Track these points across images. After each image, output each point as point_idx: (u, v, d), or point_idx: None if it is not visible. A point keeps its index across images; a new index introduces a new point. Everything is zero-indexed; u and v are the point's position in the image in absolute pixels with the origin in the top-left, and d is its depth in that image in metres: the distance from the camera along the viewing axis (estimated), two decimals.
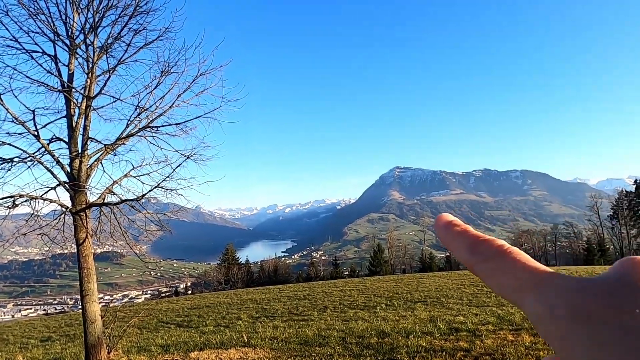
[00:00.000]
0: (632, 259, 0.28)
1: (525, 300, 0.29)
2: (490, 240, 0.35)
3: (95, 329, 6.85)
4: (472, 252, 0.35)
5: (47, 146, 7.01)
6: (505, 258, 0.32)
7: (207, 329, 11.75)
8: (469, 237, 0.37)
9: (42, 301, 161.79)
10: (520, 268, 0.31)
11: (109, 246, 8.74)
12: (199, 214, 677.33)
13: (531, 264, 0.31)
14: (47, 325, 17.71)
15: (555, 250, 54.81)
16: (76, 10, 7.39)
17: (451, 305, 12.04)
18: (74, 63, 7.47)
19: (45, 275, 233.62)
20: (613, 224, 48.42)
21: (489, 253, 0.34)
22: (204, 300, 21.87)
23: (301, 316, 12.55)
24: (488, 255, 0.33)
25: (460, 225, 0.39)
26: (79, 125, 7.23)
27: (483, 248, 0.34)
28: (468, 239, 0.36)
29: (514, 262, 0.32)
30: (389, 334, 7.98)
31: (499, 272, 0.32)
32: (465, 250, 0.36)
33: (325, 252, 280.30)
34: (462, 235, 0.37)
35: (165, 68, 7.70)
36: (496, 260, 0.33)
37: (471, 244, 0.36)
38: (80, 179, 7.03)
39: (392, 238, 60.86)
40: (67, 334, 14.28)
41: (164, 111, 7.75)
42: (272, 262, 58.58)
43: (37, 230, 7.03)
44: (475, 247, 0.35)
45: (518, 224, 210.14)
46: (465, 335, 7.48)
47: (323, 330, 9.16)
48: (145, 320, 14.98)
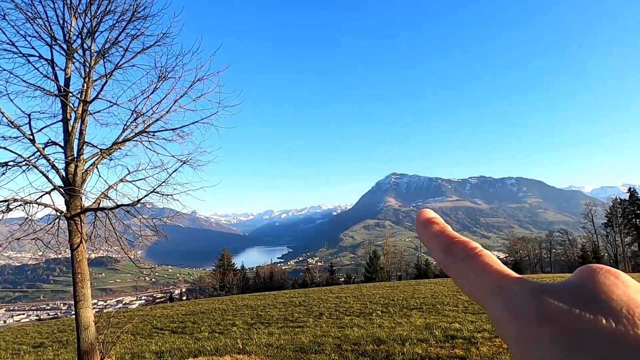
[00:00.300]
0: (590, 266, 0.29)
1: (490, 303, 0.30)
2: (465, 242, 0.36)
3: (88, 335, 6.78)
4: (446, 252, 0.35)
5: (43, 150, 6.97)
6: (475, 260, 0.33)
7: (201, 336, 11.67)
8: (445, 237, 0.37)
9: (35, 306, 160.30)
10: (487, 271, 0.32)
11: (104, 251, 8.69)
12: (195, 219, 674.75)
13: (497, 268, 0.32)
14: (39, 331, 17.52)
15: (550, 258, 54.89)
16: (74, 15, 7.39)
17: (447, 312, 12.01)
18: (71, 67, 7.46)
19: (38, 281, 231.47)
20: (607, 232, 48.59)
21: (462, 255, 0.34)
22: (199, 306, 21.72)
23: (297, 323, 12.48)
24: (460, 257, 0.34)
25: (439, 224, 0.39)
26: (75, 129, 7.20)
27: (457, 249, 0.35)
28: (444, 239, 0.37)
29: (483, 265, 0.32)
30: (385, 341, 7.95)
31: (469, 275, 0.32)
32: (440, 250, 0.36)
33: (321, 258, 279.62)
34: (439, 234, 0.38)
35: (163, 73, 7.70)
36: (467, 262, 0.33)
37: (446, 244, 0.36)
38: (75, 183, 7.00)
39: (388, 244, 60.75)
40: (59, 340, 14.13)
41: (161, 116, 7.75)
42: (267, 268, 58.23)
43: (31, 235, 6.98)
44: (449, 247, 0.36)
45: (513, 231, 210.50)
46: (461, 342, 7.46)
47: (318, 337, 9.11)
48: (139, 327, 14.86)
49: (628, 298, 0.26)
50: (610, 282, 0.27)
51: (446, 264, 0.35)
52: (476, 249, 0.34)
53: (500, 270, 0.32)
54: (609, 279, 0.27)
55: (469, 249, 0.34)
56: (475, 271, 0.32)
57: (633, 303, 0.25)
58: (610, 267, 0.29)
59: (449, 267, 0.35)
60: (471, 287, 0.32)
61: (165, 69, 7.71)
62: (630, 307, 0.25)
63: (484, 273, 0.32)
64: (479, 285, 0.31)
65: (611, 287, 0.27)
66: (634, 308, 0.25)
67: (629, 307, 0.25)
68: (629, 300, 0.25)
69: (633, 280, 0.28)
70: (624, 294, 0.26)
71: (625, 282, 0.27)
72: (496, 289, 0.30)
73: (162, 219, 8.13)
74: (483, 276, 0.31)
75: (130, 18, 7.46)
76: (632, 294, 0.26)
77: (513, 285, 0.30)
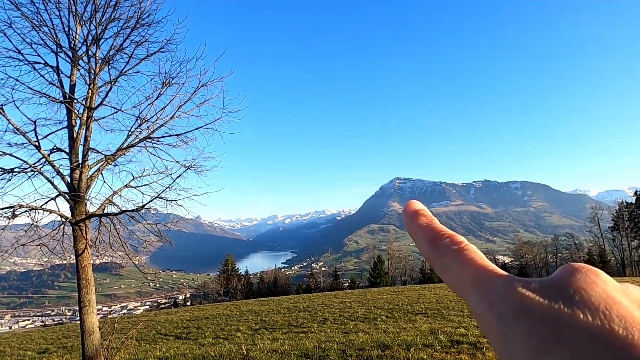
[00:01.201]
0: (572, 265, 0.30)
1: (471, 297, 0.30)
2: (451, 235, 0.36)
3: (92, 340, 6.79)
4: (432, 245, 0.36)
5: (48, 157, 7.02)
6: (459, 254, 0.33)
7: (205, 341, 11.65)
8: (431, 230, 0.37)
9: (40, 312, 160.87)
10: (472, 265, 0.32)
11: (108, 257, 8.70)
12: (199, 225, 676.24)
13: (481, 262, 0.32)
14: (44, 337, 17.56)
15: (556, 262, 54.47)
16: (79, 23, 7.47)
17: (452, 317, 11.94)
18: (76, 74, 7.52)
19: (43, 286, 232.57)
20: (614, 236, 48.23)
21: (447, 249, 0.34)
22: (203, 311, 21.72)
23: (301, 328, 12.45)
24: (445, 251, 0.34)
25: (426, 217, 0.40)
26: (79, 135, 7.25)
27: (442, 243, 0.35)
28: (430, 232, 0.37)
29: (467, 259, 0.33)
30: (390, 346, 7.90)
31: (453, 268, 0.33)
32: (426, 243, 0.36)
33: (325, 263, 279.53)
34: (425, 227, 0.38)
35: (167, 79, 7.75)
36: (451, 256, 0.33)
37: (432, 237, 0.36)
38: (80, 189, 7.03)
39: (393, 249, 60.60)
40: (64, 346, 14.15)
41: (165, 122, 7.78)
42: (271, 273, 58.20)
43: (36, 241, 7.01)
44: (435, 241, 0.36)
45: (518, 235, 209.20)
46: (466, 347, 7.40)
47: (323, 342, 9.07)
48: (144, 332, 14.87)
49: (607, 295, 0.26)
50: (590, 279, 0.28)
51: (431, 257, 0.35)
52: (462, 243, 0.35)
53: (483, 264, 0.32)
54: (589, 277, 0.28)
55: (454, 243, 0.35)
56: (459, 265, 0.33)
57: (611, 300, 0.26)
58: (592, 266, 0.29)
59: (434, 261, 0.35)
60: (455, 280, 0.33)
61: (170, 75, 7.76)
62: (609, 304, 0.25)
63: (468, 267, 0.32)
64: (463, 279, 0.32)
65: (591, 284, 0.27)
66: (611, 304, 0.25)
67: (607, 303, 0.25)
68: (608, 297, 0.26)
69: (613, 280, 0.28)
70: (602, 292, 0.27)
71: (604, 280, 0.28)
72: (478, 283, 0.30)
73: (166, 224, 8.15)
74: (466, 270, 0.32)
75: (135, 25, 7.53)
76: (611, 292, 0.27)
77: (494, 279, 0.30)
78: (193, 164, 7.94)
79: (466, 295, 0.31)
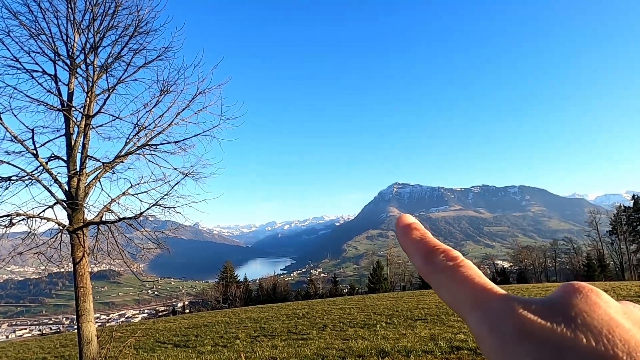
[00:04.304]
0: (572, 284, 0.29)
1: (471, 317, 0.29)
2: (446, 250, 0.35)
3: (90, 349, 6.74)
4: (427, 261, 0.35)
5: (46, 164, 7.02)
6: (456, 272, 0.32)
7: (204, 349, 11.57)
8: (425, 245, 0.36)
9: (38, 321, 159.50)
10: (468, 284, 0.31)
11: (106, 264, 8.67)
12: (198, 232, 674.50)
13: (479, 281, 0.31)
14: (41, 346, 17.41)
15: (555, 266, 54.45)
16: (77, 31, 7.50)
17: (452, 322, 11.89)
18: (74, 82, 7.55)
19: (41, 295, 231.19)
20: (612, 240, 48.28)
21: (442, 265, 0.33)
22: (202, 319, 21.58)
23: (300, 335, 12.37)
24: (441, 267, 0.33)
25: (419, 230, 0.39)
26: (77, 143, 7.25)
27: (437, 259, 0.34)
28: (424, 247, 0.36)
29: (464, 277, 0.32)
30: (389, 352, 7.86)
31: (449, 286, 0.32)
32: (420, 258, 0.35)
33: (324, 269, 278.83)
34: (418, 241, 0.37)
35: (165, 87, 7.78)
36: (447, 273, 0.33)
37: (426, 252, 0.35)
38: (78, 197, 7.02)
39: (392, 255, 60.44)
40: (62, 355, 14.03)
41: (163, 129, 7.80)
42: (270, 279, 57.91)
43: (33, 249, 6.98)
44: (429, 256, 0.35)
45: (517, 239, 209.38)
46: (466, 353, 7.37)
47: (322, 349, 9.02)
48: (142, 340, 14.75)
49: (609, 318, 0.26)
50: (592, 301, 0.27)
51: (426, 272, 0.35)
52: (457, 258, 0.34)
53: (481, 283, 0.31)
54: (591, 298, 0.27)
55: (449, 259, 0.34)
56: (456, 283, 0.32)
57: (614, 323, 0.25)
58: (592, 285, 0.29)
59: (429, 277, 0.34)
60: (451, 298, 0.32)
61: (167, 83, 7.80)
62: (611, 327, 0.25)
63: (464, 285, 0.31)
64: (459, 297, 0.31)
65: (593, 306, 0.27)
66: (614, 327, 0.25)
67: (610, 327, 0.25)
68: (610, 320, 0.26)
69: (614, 301, 0.28)
70: (605, 314, 0.26)
71: (607, 302, 0.27)
72: (476, 303, 0.30)
73: (164, 231, 8.13)
74: (463, 288, 0.31)
75: (133, 33, 7.57)
76: (613, 314, 0.26)
77: (493, 300, 0.29)
78: (191, 171, 7.95)
79: (464, 314, 0.30)
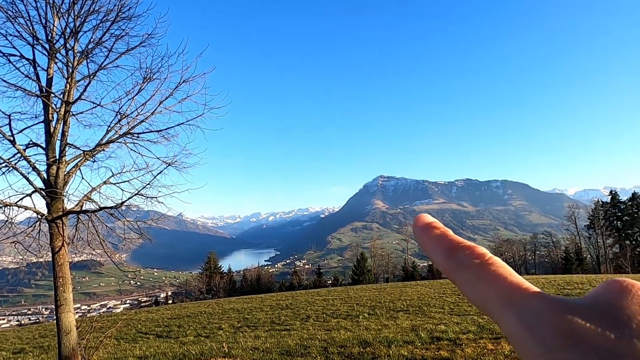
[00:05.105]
0: (618, 282, 0.27)
1: (505, 317, 0.27)
2: (471, 247, 0.33)
3: (69, 340, 6.65)
4: (450, 257, 0.33)
5: (24, 152, 6.83)
6: (484, 269, 0.30)
7: (187, 340, 11.54)
8: (447, 242, 0.35)
9: (16, 311, 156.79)
10: (501, 282, 0.29)
11: (87, 255, 8.54)
12: (181, 222, 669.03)
13: (514, 279, 0.29)
14: (20, 337, 17.12)
15: (534, 259, 55.72)
16: (56, 15, 7.28)
17: (433, 314, 12.09)
18: (53, 67, 7.34)
19: (19, 285, 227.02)
20: (590, 234, 49.64)
21: (468, 261, 0.32)
22: (185, 309, 21.48)
23: (283, 326, 12.43)
24: (466, 264, 0.32)
25: (440, 228, 0.37)
26: (57, 130, 7.08)
27: (462, 255, 0.33)
28: (446, 244, 0.35)
29: (495, 274, 0.29)
30: (371, 343, 7.96)
31: (478, 283, 0.30)
32: (441, 255, 0.34)
33: (309, 260, 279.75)
34: (440, 239, 0.36)
35: (148, 74, 7.62)
36: (475, 270, 0.31)
37: (449, 248, 0.34)
38: (57, 185, 6.87)
39: (376, 247, 61.03)
40: (41, 346, 13.83)
41: (146, 118, 7.65)
42: (254, 271, 57.88)
43: (11, 238, 6.82)
44: (453, 252, 0.33)
45: (499, 233, 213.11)
46: (446, 344, 7.51)
47: (305, 340, 9.08)
48: (123, 331, 14.63)
49: None
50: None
51: (449, 269, 0.33)
52: (485, 255, 0.32)
53: (515, 281, 0.29)
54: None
55: (476, 255, 0.32)
56: (486, 280, 0.29)
57: None
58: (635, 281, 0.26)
59: (453, 274, 0.32)
60: (478, 296, 0.30)
61: (151, 70, 7.63)
62: None
63: (495, 283, 0.29)
64: (488, 295, 0.29)
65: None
66: None
67: None
68: None
69: None
70: None
71: None
72: (509, 301, 0.28)
73: (147, 221, 8.03)
74: (494, 286, 0.29)
75: (115, 18, 7.37)
76: None
77: (529, 298, 0.27)
78: (174, 161, 7.84)
79: (494, 313, 0.28)
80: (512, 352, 6.53)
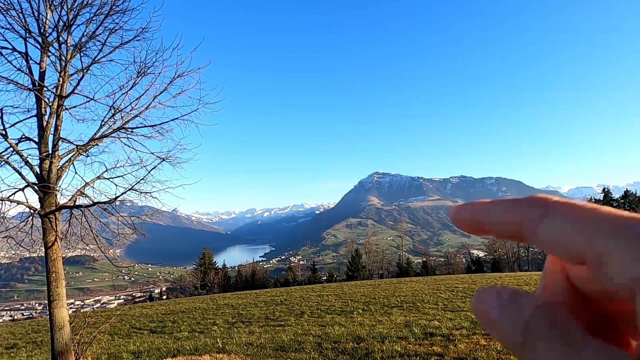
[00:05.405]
0: None
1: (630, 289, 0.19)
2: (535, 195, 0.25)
3: (63, 335, 6.63)
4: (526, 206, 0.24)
5: (16, 146, 6.77)
6: (574, 208, 0.22)
7: (181, 335, 11.54)
8: (508, 199, 0.26)
9: (9, 307, 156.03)
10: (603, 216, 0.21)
11: (80, 250, 8.50)
12: (176, 218, 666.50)
13: (616, 212, 0.21)
14: (12, 332, 17.04)
15: (528, 256, 56.11)
16: (49, 7, 7.20)
17: (427, 310, 12.16)
18: (46, 61, 7.26)
19: (12, 280, 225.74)
20: None
21: (551, 205, 0.23)
22: (179, 305, 21.45)
23: (278, 321, 12.46)
24: (550, 208, 0.23)
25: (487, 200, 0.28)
26: (49, 124, 7.01)
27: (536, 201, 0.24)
28: (509, 201, 0.26)
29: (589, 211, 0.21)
30: (365, 339, 8.00)
31: (570, 226, 0.21)
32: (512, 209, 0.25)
33: (304, 257, 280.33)
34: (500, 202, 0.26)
35: (142, 69, 7.56)
36: (562, 211, 0.22)
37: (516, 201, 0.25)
38: (50, 180, 6.82)
39: (370, 243, 61.11)
40: (34, 341, 13.78)
41: (140, 112, 7.60)
42: (249, 266, 57.80)
43: (3, 233, 6.78)
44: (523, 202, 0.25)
45: None
46: (439, 339, 7.56)
47: (299, 335, 9.11)
48: (117, 326, 14.60)
49: None
50: None
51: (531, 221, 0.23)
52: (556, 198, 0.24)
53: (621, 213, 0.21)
54: None
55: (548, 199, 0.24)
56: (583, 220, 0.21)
57: None
58: None
59: (536, 225, 0.23)
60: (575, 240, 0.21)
61: (145, 65, 7.58)
62: None
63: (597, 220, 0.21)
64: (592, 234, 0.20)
65: None
66: None
67: None
68: None
69: None
70: None
71: None
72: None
73: (141, 217, 8.00)
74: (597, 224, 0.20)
75: (109, 12, 7.30)
76: None
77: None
78: (169, 156, 7.81)
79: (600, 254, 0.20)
80: (505, 348, 6.57)
